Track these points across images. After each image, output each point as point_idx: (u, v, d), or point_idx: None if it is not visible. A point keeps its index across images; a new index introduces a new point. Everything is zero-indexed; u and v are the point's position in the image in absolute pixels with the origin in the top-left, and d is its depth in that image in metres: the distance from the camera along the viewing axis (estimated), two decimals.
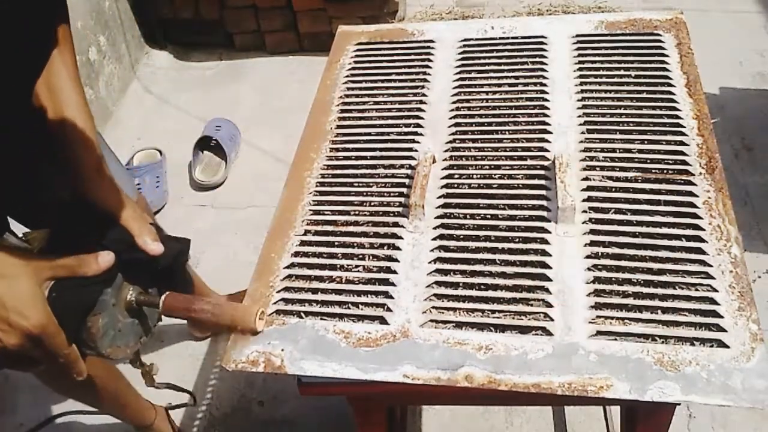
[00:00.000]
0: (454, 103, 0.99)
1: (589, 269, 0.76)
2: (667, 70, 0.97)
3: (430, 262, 0.80)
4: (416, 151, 0.93)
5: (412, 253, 0.81)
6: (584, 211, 0.82)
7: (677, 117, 0.91)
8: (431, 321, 0.74)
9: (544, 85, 0.99)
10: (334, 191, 0.91)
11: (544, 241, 0.79)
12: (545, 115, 0.94)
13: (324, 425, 1.42)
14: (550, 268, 0.77)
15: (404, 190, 0.88)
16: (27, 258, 0.63)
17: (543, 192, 0.85)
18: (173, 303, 0.72)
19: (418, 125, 0.97)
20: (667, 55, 0.99)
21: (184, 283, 0.78)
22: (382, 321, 0.75)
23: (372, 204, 0.88)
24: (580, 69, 1.00)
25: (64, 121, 0.78)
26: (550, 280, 0.76)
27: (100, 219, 0.75)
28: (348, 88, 1.06)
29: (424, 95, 1.02)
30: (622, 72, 0.98)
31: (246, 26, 2.36)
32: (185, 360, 1.58)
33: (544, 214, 0.82)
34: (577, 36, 1.06)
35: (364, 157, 0.94)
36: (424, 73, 1.05)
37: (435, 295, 0.77)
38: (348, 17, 2.23)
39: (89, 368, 1.17)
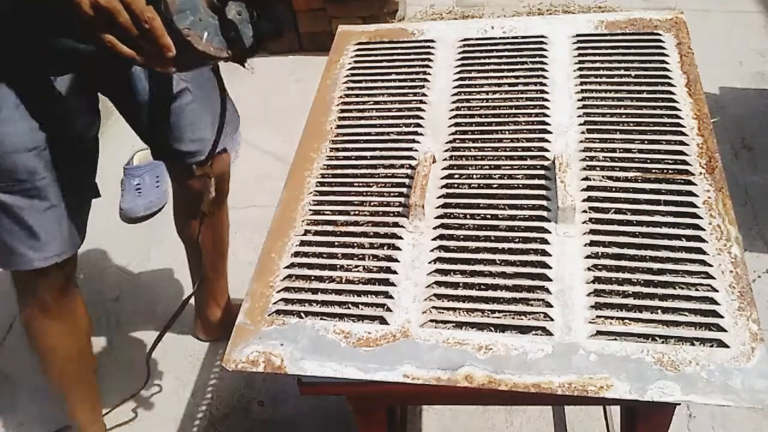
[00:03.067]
0: (454, 103, 0.99)
1: (589, 269, 0.76)
2: (667, 70, 0.97)
3: (430, 262, 0.80)
4: (416, 151, 0.93)
5: (412, 253, 0.81)
6: (584, 211, 0.82)
7: (677, 117, 0.91)
8: (431, 321, 0.74)
9: (544, 85, 0.99)
10: (334, 191, 0.91)
11: (544, 241, 0.79)
12: (545, 115, 0.94)
13: (324, 425, 1.42)
14: (550, 268, 0.77)
15: (404, 190, 0.88)
16: None
17: (543, 192, 0.85)
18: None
19: (418, 125, 0.97)
20: (667, 55, 0.99)
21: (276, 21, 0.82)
22: (382, 321, 0.75)
23: (372, 204, 0.88)
24: (580, 69, 1.00)
25: None
26: (550, 280, 0.76)
27: None
28: (348, 88, 1.06)
29: (424, 95, 1.02)
30: (622, 72, 0.98)
31: None
32: (185, 360, 1.58)
33: (544, 214, 0.82)
34: (577, 36, 1.06)
35: (364, 157, 0.94)
36: (424, 73, 1.05)
37: (435, 295, 0.77)
38: (348, 17, 2.23)
39: (64, 339, 1.18)
